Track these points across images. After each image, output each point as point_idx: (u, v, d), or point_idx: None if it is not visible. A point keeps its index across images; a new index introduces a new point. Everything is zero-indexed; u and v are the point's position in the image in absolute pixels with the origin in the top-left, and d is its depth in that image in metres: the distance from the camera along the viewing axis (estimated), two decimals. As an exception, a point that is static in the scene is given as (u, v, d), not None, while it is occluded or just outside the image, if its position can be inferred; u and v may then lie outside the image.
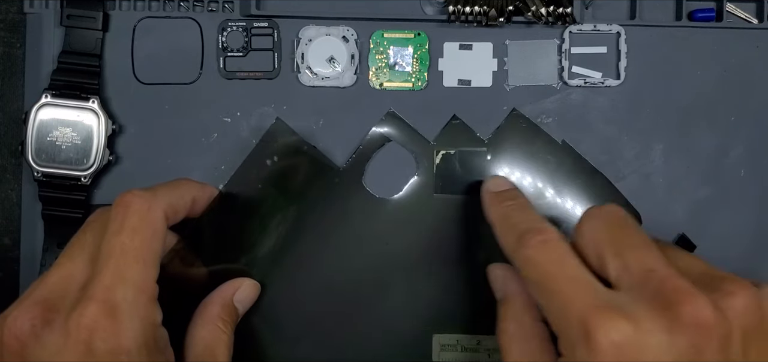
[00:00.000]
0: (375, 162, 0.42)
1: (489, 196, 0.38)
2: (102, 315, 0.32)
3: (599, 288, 0.30)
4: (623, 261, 0.31)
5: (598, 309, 0.29)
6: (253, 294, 0.40)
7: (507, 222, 0.35)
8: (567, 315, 0.30)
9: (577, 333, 0.29)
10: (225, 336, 0.37)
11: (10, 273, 0.44)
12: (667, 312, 0.29)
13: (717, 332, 0.29)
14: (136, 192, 0.35)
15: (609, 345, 0.28)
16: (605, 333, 0.28)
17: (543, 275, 0.32)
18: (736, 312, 0.30)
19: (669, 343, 0.28)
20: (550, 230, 0.33)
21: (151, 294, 0.34)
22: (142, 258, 0.33)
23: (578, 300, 0.30)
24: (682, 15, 0.43)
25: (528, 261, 0.32)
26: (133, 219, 0.34)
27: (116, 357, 0.32)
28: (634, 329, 0.28)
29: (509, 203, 0.36)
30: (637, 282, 0.30)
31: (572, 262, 0.31)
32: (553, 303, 0.31)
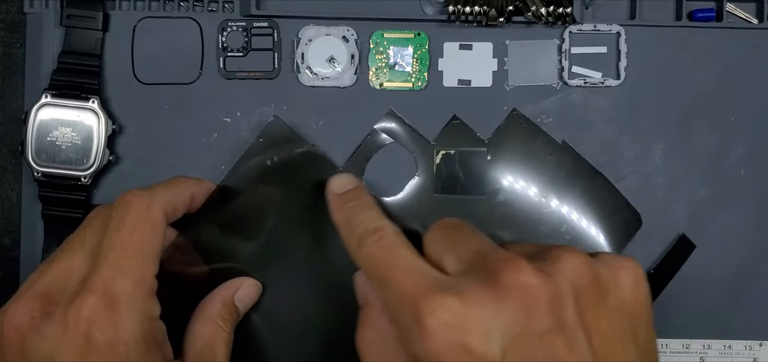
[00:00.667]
0: (375, 162, 0.42)
1: (332, 198, 0.37)
2: (101, 307, 0.32)
3: (430, 272, 0.31)
4: (456, 253, 0.31)
5: (426, 291, 0.29)
6: (254, 293, 0.40)
7: (349, 225, 0.35)
8: (401, 303, 0.30)
9: (409, 318, 0.29)
10: (225, 334, 0.37)
11: (10, 273, 0.44)
12: (491, 283, 0.29)
13: (544, 294, 0.29)
14: (135, 191, 0.35)
15: (438, 325, 0.28)
16: (433, 313, 0.28)
17: (379, 269, 0.32)
18: (565, 275, 0.30)
19: (496, 312, 0.28)
20: (385, 226, 0.33)
21: (149, 288, 0.34)
22: (142, 253, 0.34)
23: (409, 286, 0.30)
24: (682, 15, 0.43)
25: (367, 260, 0.33)
26: (132, 216, 0.34)
27: (115, 349, 0.32)
28: (461, 305, 0.28)
29: (351, 205, 0.36)
30: (466, 265, 0.31)
31: (404, 252, 0.32)
32: (390, 294, 0.31)
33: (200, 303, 0.38)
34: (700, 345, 0.43)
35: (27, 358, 0.32)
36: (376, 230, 0.33)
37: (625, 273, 0.31)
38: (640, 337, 0.31)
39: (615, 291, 0.31)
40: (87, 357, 0.32)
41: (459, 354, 0.28)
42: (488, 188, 0.42)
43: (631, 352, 0.30)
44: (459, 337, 0.28)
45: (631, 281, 0.31)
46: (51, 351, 0.32)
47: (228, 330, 0.38)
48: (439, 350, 0.28)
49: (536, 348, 0.28)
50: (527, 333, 0.28)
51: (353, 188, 0.37)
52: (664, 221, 0.43)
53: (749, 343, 0.43)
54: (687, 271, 0.43)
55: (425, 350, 0.28)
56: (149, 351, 0.33)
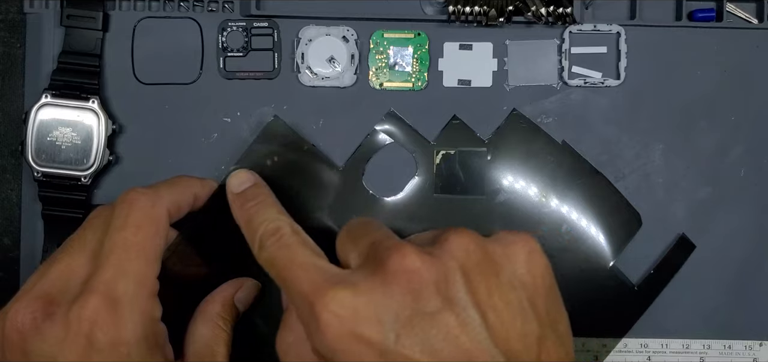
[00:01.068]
0: (375, 162, 0.42)
1: (231, 198, 0.37)
2: (103, 308, 0.32)
3: (327, 267, 0.31)
4: (357, 248, 0.32)
5: (320, 287, 0.30)
6: (254, 293, 0.40)
7: (249, 226, 0.35)
8: (300, 301, 0.30)
9: (307, 314, 0.30)
10: (225, 335, 0.37)
11: (10, 273, 0.44)
12: (379, 270, 0.29)
13: (430, 275, 0.29)
14: (139, 189, 0.35)
15: (331, 318, 0.29)
16: (325, 306, 0.29)
17: (279, 270, 0.32)
18: (452, 254, 0.30)
19: (385, 297, 0.29)
20: (284, 226, 0.34)
21: (151, 289, 0.34)
22: (144, 254, 0.34)
23: (305, 283, 0.30)
24: (682, 15, 0.43)
25: (267, 262, 0.33)
26: (136, 215, 0.34)
27: (116, 350, 0.32)
28: (352, 295, 0.29)
29: (250, 204, 0.36)
30: (363, 258, 0.31)
31: (302, 251, 0.32)
32: (291, 294, 0.31)
33: (201, 303, 0.38)
34: (700, 345, 0.43)
35: (28, 359, 0.32)
36: (275, 231, 0.33)
37: (517, 247, 0.31)
38: (541, 309, 0.31)
39: (508, 267, 0.31)
40: (88, 358, 0.32)
41: (353, 343, 0.29)
42: (488, 188, 0.42)
43: (530, 324, 0.30)
44: (351, 327, 0.29)
45: (524, 255, 0.31)
46: (52, 352, 0.32)
47: (228, 330, 0.38)
48: (334, 342, 0.29)
49: (428, 329, 0.28)
50: (417, 316, 0.29)
51: (251, 186, 0.37)
52: (664, 221, 0.43)
53: (749, 343, 0.43)
54: (687, 271, 0.43)
55: (322, 344, 0.29)
56: (150, 352, 0.33)
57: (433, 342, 0.28)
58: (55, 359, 0.32)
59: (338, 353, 0.29)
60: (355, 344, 0.29)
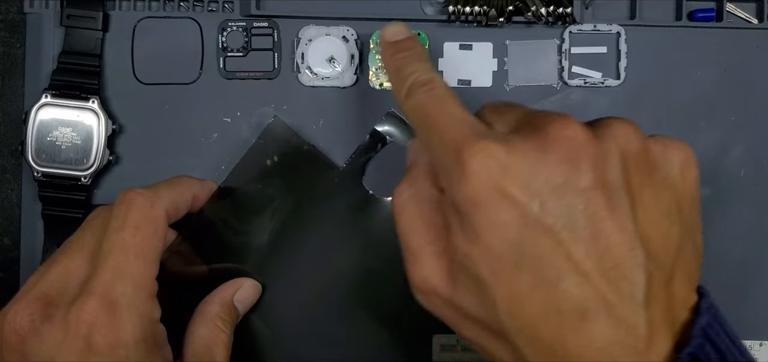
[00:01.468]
0: (375, 162, 0.42)
1: (384, 46, 0.36)
2: (101, 310, 0.32)
3: (477, 124, 0.30)
4: (504, 118, 0.31)
5: (470, 135, 0.29)
6: (254, 294, 0.40)
7: (399, 74, 0.34)
8: (444, 146, 0.30)
9: (451, 160, 0.29)
10: (223, 335, 0.37)
11: (10, 273, 0.44)
12: (536, 134, 0.29)
13: (589, 150, 0.28)
14: (138, 190, 0.35)
15: (479, 167, 0.28)
16: (474, 154, 0.28)
17: (426, 117, 0.31)
18: (614, 138, 0.29)
19: (538, 162, 0.28)
20: (436, 79, 0.33)
21: (150, 290, 0.34)
22: (143, 255, 0.34)
23: (454, 131, 0.30)
24: (682, 15, 0.43)
25: (415, 108, 0.32)
26: (135, 216, 0.34)
27: (115, 352, 0.32)
28: (504, 151, 0.28)
29: (403, 55, 0.35)
30: (515, 125, 0.31)
31: (453, 103, 0.31)
32: (433, 140, 0.31)
33: (200, 304, 0.38)
34: (700, 345, 0.43)
35: (27, 360, 0.32)
36: (427, 82, 0.32)
37: (675, 151, 0.31)
38: (685, 215, 0.30)
39: (664, 167, 0.30)
40: (87, 360, 0.32)
41: (496, 198, 0.28)
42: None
43: (674, 227, 0.29)
44: (498, 181, 0.28)
45: (681, 159, 0.31)
46: (51, 354, 0.32)
47: (227, 331, 0.38)
48: (477, 192, 0.28)
49: (576, 203, 0.27)
50: (568, 187, 0.28)
51: (406, 38, 0.36)
52: (664, 221, 0.43)
53: (749, 343, 0.43)
54: (687, 271, 0.43)
55: (463, 192, 0.28)
56: (149, 353, 0.33)
57: (578, 218, 0.27)
58: (53, 360, 0.32)
59: (477, 205, 0.28)
60: (498, 199, 0.28)
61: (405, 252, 0.32)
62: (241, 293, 0.39)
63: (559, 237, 0.27)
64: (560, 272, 0.27)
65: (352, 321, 0.42)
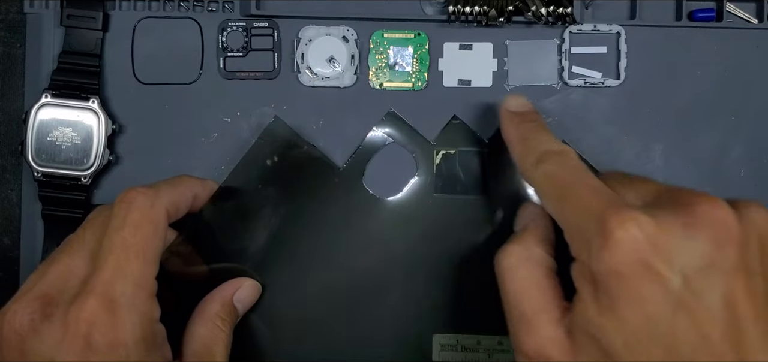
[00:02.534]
0: (375, 162, 0.42)
1: (507, 116, 0.37)
2: (101, 310, 0.32)
3: (616, 195, 0.31)
4: (635, 190, 0.32)
5: (617, 208, 0.29)
6: (254, 294, 0.40)
7: (526, 143, 0.35)
8: (584, 216, 0.30)
9: (594, 230, 0.29)
10: (223, 335, 0.37)
11: (10, 273, 0.44)
12: (684, 211, 0.29)
13: (736, 233, 0.28)
14: (139, 189, 0.35)
15: (626, 238, 0.28)
16: (622, 225, 0.28)
17: (562, 185, 0.32)
18: (754, 222, 0.29)
19: (686, 239, 0.28)
20: (570, 152, 0.33)
21: (150, 290, 0.34)
22: (143, 255, 0.34)
23: (597, 202, 0.30)
24: (682, 15, 0.43)
25: (548, 176, 0.33)
26: (135, 215, 0.34)
27: (114, 351, 0.32)
28: (652, 224, 0.28)
29: (529, 125, 0.36)
30: (652, 200, 0.31)
31: (591, 175, 0.32)
32: (570, 208, 0.31)
33: (199, 303, 0.38)
34: (700, 345, 0.43)
35: (26, 359, 0.32)
36: (561, 152, 0.33)
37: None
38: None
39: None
40: (87, 359, 0.32)
41: (641, 270, 0.28)
42: (488, 188, 0.42)
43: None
44: (644, 254, 0.28)
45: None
46: (50, 353, 0.32)
47: (226, 330, 0.38)
48: (621, 263, 0.28)
49: (717, 283, 0.28)
50: (713, 267, 0.28)
51: (531, 110, 0.37)
52: (664, 221, 0.43)
53: (749, 343, 0.43)
54: (687, 271, 0.43)
55: (606, 261, 0.28)
56: (149, 353, 0.33)
57: (718, 299, 0.28)
58: (53, 360, 0.32)
59: (620, 276, 0.28)
60: (641, 272, 0.28)
61: (515, 318, 0.32)
62: (241, 293, 0.39)
63: (697, 316, 0.28)
64: (695, 350, 0.27)
65: (352, 321, 0.42)
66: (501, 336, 0.42)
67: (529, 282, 0.32)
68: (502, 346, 0.42)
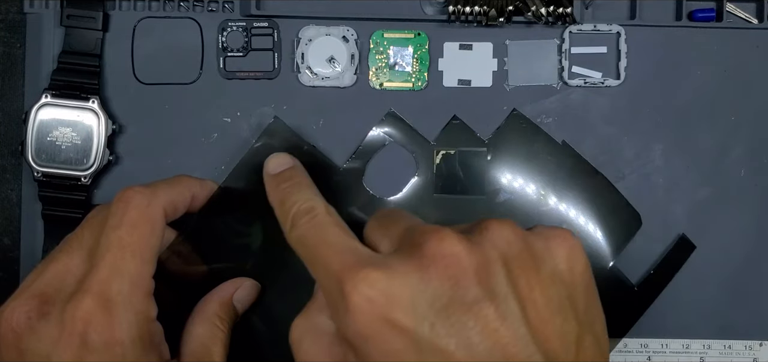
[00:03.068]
0: (375, 162, 0.42)
1: (268, 180, 0.36)
2: (97, 308, 0.32)
3: (359, 249, 0.30)
4: (388, 235, 0.31)
5: (351, 267, 0.28)
6: (253, 294, 0.40)
7: (282, 207, 0.34)
8: (328, 281, 0.29)
9: (335, 294, 0.29)
10: (221, 334, 0.37)
11: (10, 273, 0.44)
12: (415, 254, 0.28)
13: (470, 263, 0.28)
14: (136, 188, 0.35)
15: (361, 300, 0.27)
16: (355, 287, 0.28)
17: (309, 249, 0.31)
18: (493, 243, 0.29)
19: (421, 282, 0.27)
20: (318, 206, 0.33)
21: (146, 289, 0.34)
22: (140, 254, 0.34)
23: (335, 263, 0.29)
24: (682, 15, 0.43)
25: (298, 241, 0.32)
26: (132, 214, 0.34)
27: (110, 350, 0.32)
28: (385, 278, 0.27)
29: (285, 185, 0.35)
30: (397, 244, 0.30)
31: (334, 231, 0.31)
32: (318, 273, 0.31)
33: (198, 302, 0.38)
34: (700, 345, 0.43)
35: (23, 358, 0.32)
36: (308, 210, 0.33)
37: (558, 242, 0.30)
38: (580, 308, 0.30)
39: (549, 262, 0.30)
40: (83, 358, 0.32)
41: (384, 329, 0.27)
42: (488, 188, 0.42)
43: (570, 323, 0.29)
44: (383, 311, 0.27)
45: (565, 251, 0.30)
46: (47, 352, 0.32)
47: (225, 330, 0.37)
48: (364, 326, 0.27)
49: (466, 319, 0.27)
50: (455, 304, 0.27)
51: (288, 168, 0.36)
52: (664, 221, 0.43)
53: (749, 343, 0.43)
54: (687, 271, 0.43)
55: (351, 327, 0.28)
56: (145, 351, 0.33)
57: (470, 333, 0.27)
58: (49, 358, 0.32)
59: (367, 339, 0.27)
60: (386, 330, 0.27)
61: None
62: (240, 292, 0.39)
63: (454, 357, 0.27)
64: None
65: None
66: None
67: (312, 352, 0.31)
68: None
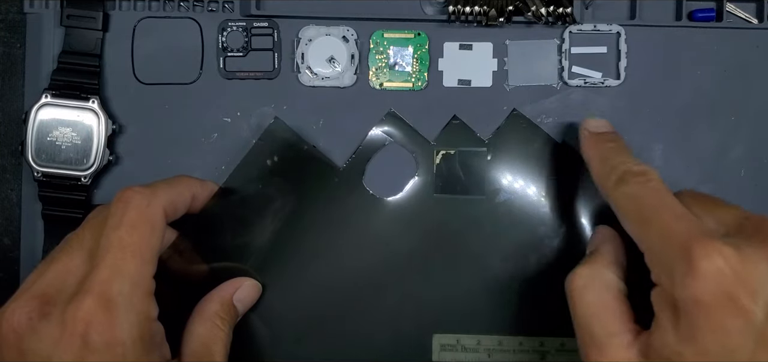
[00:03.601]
0: (375, 162, 0.42)
1: (587, 135, 0.38)
2: (98, 309, 0.32)
3: (699, 221, 0.31)
4: (715, 216, 0.32)
5: (702, 237, 0.29)
6: (254, 294, 0.40)
7: (607, 163, 0.35)
8: (668, 242, 0.30)
9: (678, 259, 0.29)
10: (222, 334, 0.37)
11: (10, 273, 0.44)
12: (766, 244, 0.29)
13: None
14: (136, 188, 0.35)
15: (711, 269, 0.28)
16: (707, 257, 0.28)
17: (645, 208, 0.32)
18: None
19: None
20: (652, 172, 0.34)
21: (147, 289, 0.34)
22: (140, 254, 0.34)
23: (681, 230, 0.30)
24: (682, 15, 0.43)
25: (629, 197, 0.33)
26: (132, 214, 0.34)
27: (112, 350, 0.32)
28: (737, 257, 0.29)
29: (610, 145, 0.37)
30: (733, 229, 0.31)
31: (673, 199, 0.32)
32: (653, 233, 0.31)
33: (199, 302, 0.38)
34: (700, 345, 0.43)
35: (25, 358, 0.32)
36: (642, 172, 0.33)
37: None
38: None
39: None
40: (84, 358, 0.32)
41: (725, 303, 0.28)
42: (488, 188, 0.42)
43: None
44: (729, 287, 0.28)
45: None
46: (48, 352, 0.32)
47: (226, 330, 0.38)
48: (706, 294, 0.28)
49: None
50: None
51: (612, 132, 0.38)
52: (664, 221, 0.43)
53: (749, 343, 0.43)
54: (687, 271, 0.43)
55: (690, 291, 0.28)
56: (147, 351, 0.33)
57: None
58: (50, 359, 0.32)
59: (704, 307, 0.28)
60: (727, 305, 0.28)
61: (585, 339, 0.32)
62: (240, 292, 0.39)
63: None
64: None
65: (352, 320, 0.42)
66: (501, 336, 0.42)
67: (598, 304, 0.33)
68: (502, 346, 0.42)
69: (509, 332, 0.41)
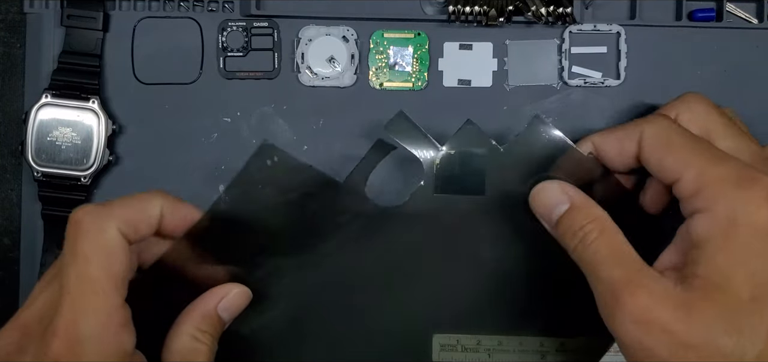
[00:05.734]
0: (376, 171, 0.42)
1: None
2: (66, 352, 0.31)
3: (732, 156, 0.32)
4: (734, 144, 0.34)
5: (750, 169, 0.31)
6: (242, 301, 0.38)
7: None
8: (726, 169, 0.31)
9: (736, 181, 0.30)
10: (203, 347, 0.35)
11: (10, 273, 0.44)
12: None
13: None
14: (88, 208, 0.32)
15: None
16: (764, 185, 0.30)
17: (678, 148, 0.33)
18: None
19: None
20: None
21: (118, 321, 0.32)
22: (101, 288, 0.31)
23: (733, 163, 0.31)
24: (682, 15, 0.43)
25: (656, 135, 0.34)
26: (83, 244, 0.32)
27: None
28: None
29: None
30: (753, 159, 0.33)
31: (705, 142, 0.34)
32: (691, 172, 0.32)
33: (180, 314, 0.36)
34: (700, 345, 0.43)
35: None
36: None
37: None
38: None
39: None
40: None
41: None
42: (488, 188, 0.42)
43: None
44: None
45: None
46: None
47: (207, 342, 0.35)
48: (763, 219, 0.30)
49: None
50: None
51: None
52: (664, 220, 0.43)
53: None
54: (687, 271, 0.43)
55: (752, 215, 0.30)
56: None
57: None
58: None
59: (760, 230, 0.30)
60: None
61: (608, 285, 0.32)
62: (226, 301, 0.37)
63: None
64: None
65: (351, 321, 0.42)
66: (501, 336, 0.41)
67: (614, 244, 0.33)
68: (502, 346, 0.42)
69: (509, 332, 0.41)
